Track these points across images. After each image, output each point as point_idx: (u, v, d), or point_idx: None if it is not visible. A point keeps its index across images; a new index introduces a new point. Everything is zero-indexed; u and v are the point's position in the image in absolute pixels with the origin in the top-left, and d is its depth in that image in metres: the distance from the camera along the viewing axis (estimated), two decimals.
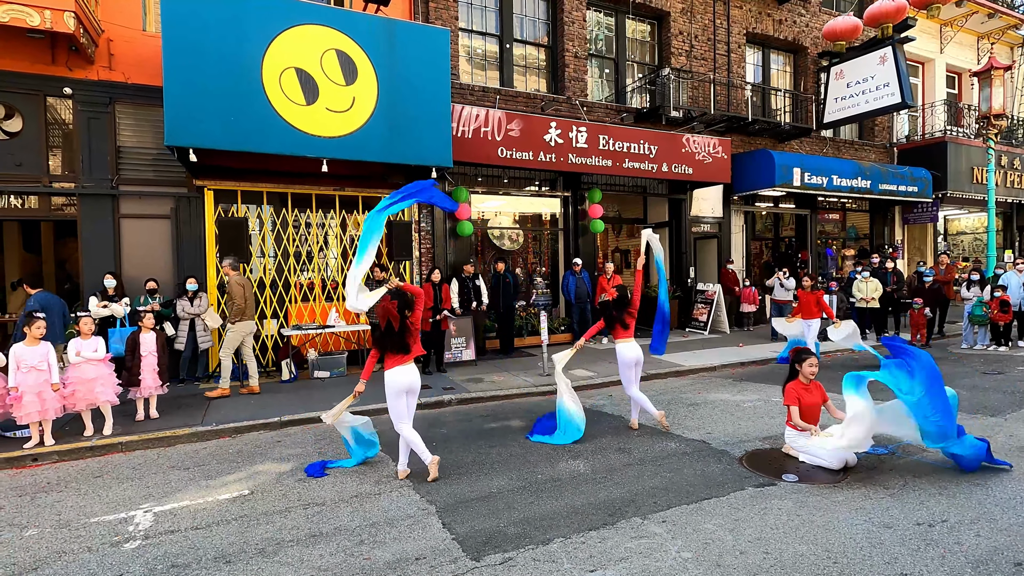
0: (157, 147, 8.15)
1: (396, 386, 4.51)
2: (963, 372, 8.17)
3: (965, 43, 17.16)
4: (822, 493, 4.08)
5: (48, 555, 3.46)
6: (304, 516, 3.92)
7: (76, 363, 5.63)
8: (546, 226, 11.94)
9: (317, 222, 9.27)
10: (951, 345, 10.64)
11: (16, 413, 5.22)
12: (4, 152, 7.61)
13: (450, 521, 3.77)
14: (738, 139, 12.95)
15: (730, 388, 7.58)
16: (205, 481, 4.63)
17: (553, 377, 5.99)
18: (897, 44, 12.16)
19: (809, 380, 4.84)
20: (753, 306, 12.42)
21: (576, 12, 11.22)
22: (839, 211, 15.63)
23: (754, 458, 4.85)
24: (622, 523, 3.68)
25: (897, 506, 3.82)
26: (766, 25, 13.55)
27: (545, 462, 4.88)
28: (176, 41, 6.77)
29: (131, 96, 8.07)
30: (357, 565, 3.24)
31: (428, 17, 9.86)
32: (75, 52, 7.60)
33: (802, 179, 12.30)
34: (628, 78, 12.21)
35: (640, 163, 10.59)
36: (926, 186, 14.33)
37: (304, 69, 7.42)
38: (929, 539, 3.36)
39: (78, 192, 7.87)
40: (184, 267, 8.29)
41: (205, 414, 6.35)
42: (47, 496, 4.39)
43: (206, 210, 8.33)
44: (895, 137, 15.98)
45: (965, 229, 18.80)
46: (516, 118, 9.53)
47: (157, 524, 3.84)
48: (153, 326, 6.34)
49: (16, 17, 6.64)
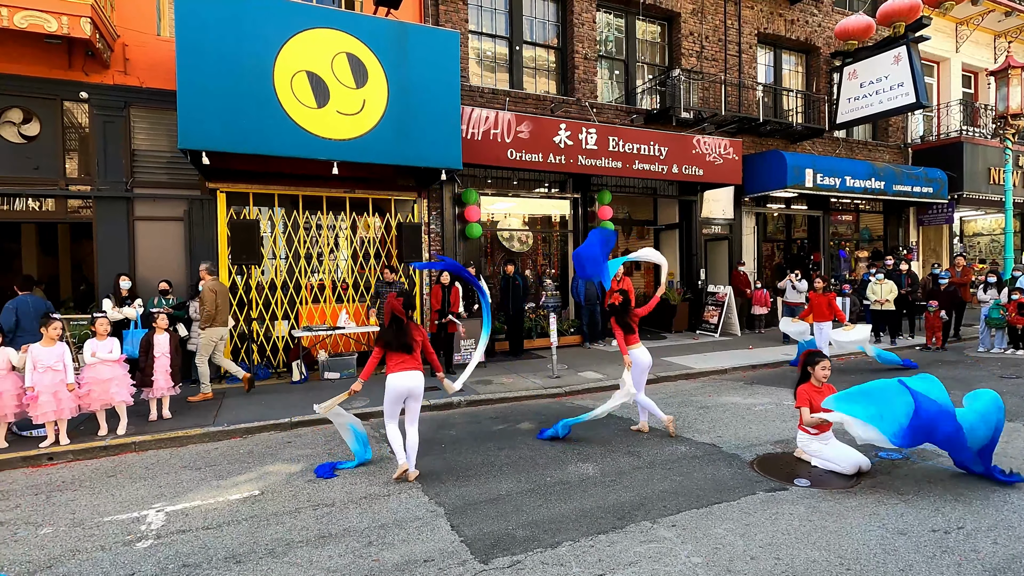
0: (171, 150, 8.26)
1: (396, 390, 4.53)
2: (980, 376, 8.03)
3: (981, 42, 16.91)
4: (835, 498, 4.03)
5: (62, 553, 3.50)
6: (313, 517, 3.93)
7: (92, 364, 5.71)
8: (555, 228, 11.92)
9: (328, 224, 9.33)
10: (968, 349, 10.47)
11: (32, 412, 5.30)
12: (22, 155, 7.74)
13: (459, 523, 3.77)
14: (749, 140, 12.86)
15: (741, 391, 7.52)
16: (216, 481, 4.67)
17: (561, 380, 5.96)
18: (912, 43, 12.01)
19: (821, 383, 4.78)
20: (765, 308, 12.31)
21: (586, 14, 11.21)
22: (852, 212, 15.45)
23: (765, 462, 4.80)
24: (631, 527, 3.65)
25: (912, 512, 3.76)
26: (778, 25, 13.45)
27: (554, 465, 4.86)
28: (189, 45, 6.85)
29: (145, 100, 8.18)
30: (366, 567, 3.25)
31: (438, 20, 9.89)
32: (91, 57, 7.72)
33: (814, 180, 12.18)
34: (638, 79, 12.17)
35: (650, 164, 10.56)
36: (941, 187, 14.14)
37: (315, 72, 7.48)
38: (945, 546, 3.30)
39: (93, 195, 7.99)
40: (196, 269, 8.36)
41: (216, 415, 6.40)
42: (62, 495, 4.45)
43: (218, 212, 8.42)
44: (910, 137, 15.78)
45: (982, 231, 18.51)
46: (525, 120, 9.53)
47: (169, 523, 3.88)
48: (167, 327, 6.42)
49: (34, 23, 6.75)
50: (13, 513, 4.12)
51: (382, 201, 9.62)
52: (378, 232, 9.69)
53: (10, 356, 5.38)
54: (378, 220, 9.69)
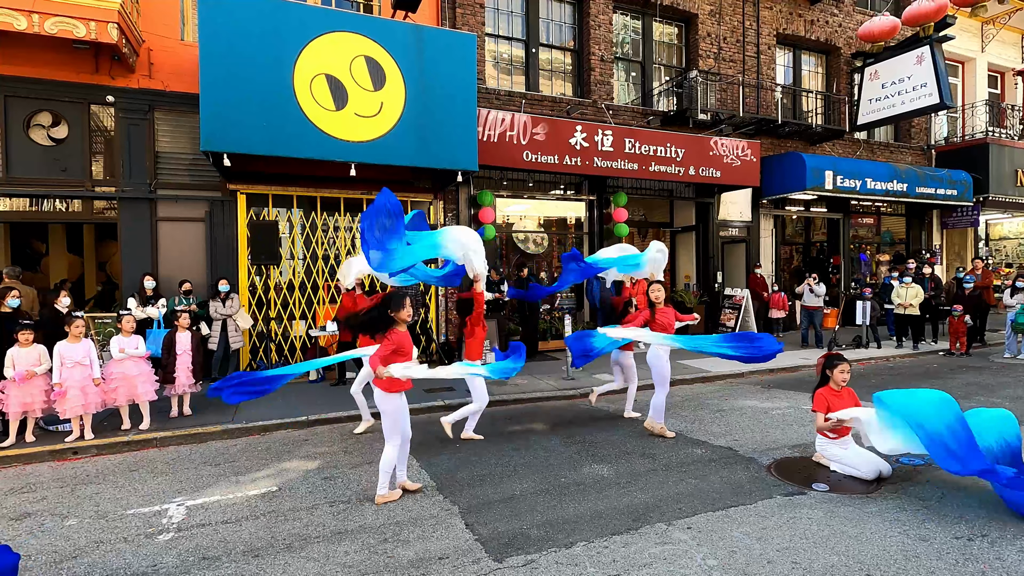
0: (193, 152, 8.42)
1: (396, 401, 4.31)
2: (1006, 383, 7.84)
3: (1008, 41, 16.54)
4: (854, 503, 3.96)
5: (87, 544, 3.59)
6: (330, 513, 3.98)
7: (119, 359, 5.85)
8: (571, 230, 11.90)
9: (345, 225, 9.44)
10: (993, 355, 10.22)
11: (60, 408, 5.44)
12: (50, 158, 7.95)
13: (473, 522, 3.78)
14: (768, 142, 12.73)
15: (759, 395, 7.43)
16: (235, 477, 4.74)
17: (576, 382, 5.95)
18: (935, 43, 11.80)
19: (840, 386, 4.71)
20: (782, 312, 12.14)
21: (602, 16, 11.20)
22: (874, 215, 15.19)
23: (783, 466, 4.74)
24: (646, 528, 3.63)
25: (934, 519, 3.69)
26: (797, 26, 13.30)
27: (568, 466, 4.86)
28: (212, 50, 6.98)
29: (169, 103, 8.36)
30: (381, 563, 3.28)
31: (455, 23, 9.96)
32: (117, 61, 7.91)
33: (834, 182, 12.01)
34: (655, 81, 12.11)
35: (666, 166, 10.49)
36: (966, 189, 13.83)
37: (334, 75, 7.58)
38: (968, 554, 3.23)
39: (118, 196, 8.18)
40: (217, 269, 8.52)
41: (236, 412, 6.50)
42: (86, 488, 4.56)
43: (239, 213, 8.56)
44: (933, 139, 15.47)
45: (1008, 234, 18.06)
46: (541, 122, 9.54)
47: (189, 517, 3.95)
48: (189, 326, 6.54)
49: (64, 29, 6.94)
50: (40, 505, 4.23)
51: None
52: None
53: (40, 354, 5.54)
54: None
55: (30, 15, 6.79)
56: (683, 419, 6.28)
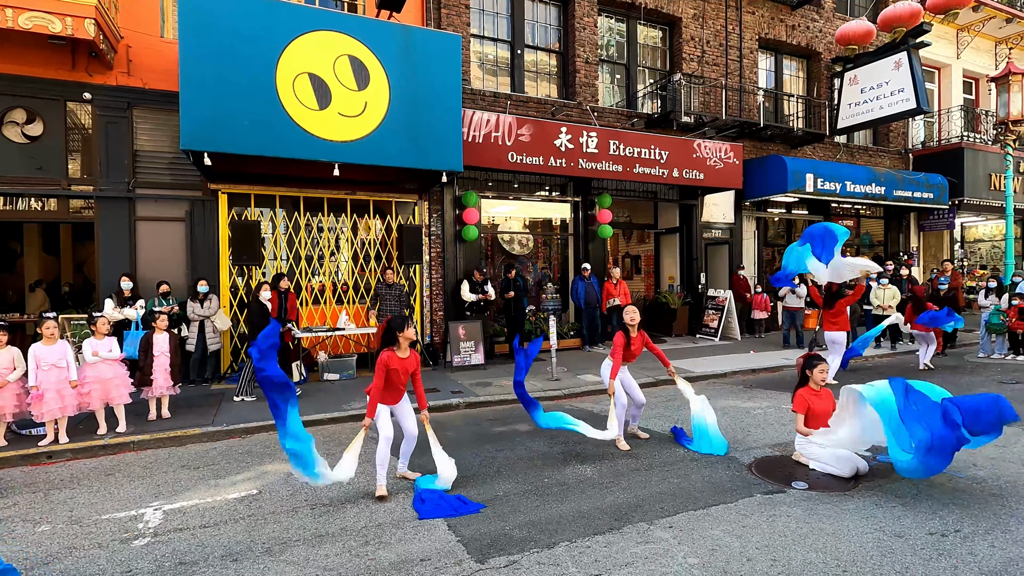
0: (173, 151, 8.29)
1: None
2: (980, 382, 8.02)
3: (982, 48, 16.95)
4: (832, 501, 4.02)
5: (59, 551, 3.51)
6: (311, 516, 3.94)
7: (93, 363, 5.73)
8: (556, 231, 11.94)
9: (329, 226, 9.37)
10: (968, 354, 10.45)
11: (37, 411, 5.31)
12: (25, 156, 7.78)
13: (456, 523, 3.77)
14: (750, 145, 12.89)
15: (740, 395, 7.51)
16: (214, 480, 4.67)
17: (560, 383, 5.93)
18: (912, 49, 12.05)
19: (819, 386, 4.79)
20: (765, 313, 12.30)
21: (587, 18, 11.25)
22: (853, 218, 15.46)
23: (763, 465, 4.79)
24: (628, 528, 3.65)
25: (909, 515, 3.76)
26: (779, 30, 13.49)
27: (552, 466, 4.86)
28: (192, 47, 6.88)
29: (148, 101, 8.22)
30: (362, 565, 3.25)
31: (440, 23, 9.94)
32: (95, 58, 7.76)
33: (815, 185, 12.19)
34: (639, 83, 12.20)
35: (651, 168, 10.57)
36: (942, 193, 14.14)
37: (317, 74, 7.51)
38: (942, 549, 3.30)
39: (96, 195, 8.02)
40: (197, 269, 8.40)
41: (216, 414, 6.41)
42: (60, 493, 4.46)
43: (220, 213, 8.45)
44: (911, 143, 15.79)
45: (983, 237, 18.49)
46: (527, 123, 9.56)
47: (166, 522, 3.88)
48: (167, 327, 6.43)
49: (39, 24, 6.80)
50: (11, 511, 4.12)
51: (383, 203, 9.65)
52: (379, 234, 9.72)
53: (14, 356, 5.40)
54: (379, 222, 9.72)
55: (3, 9, 6.65)
56: (666, 419, 6.33)
